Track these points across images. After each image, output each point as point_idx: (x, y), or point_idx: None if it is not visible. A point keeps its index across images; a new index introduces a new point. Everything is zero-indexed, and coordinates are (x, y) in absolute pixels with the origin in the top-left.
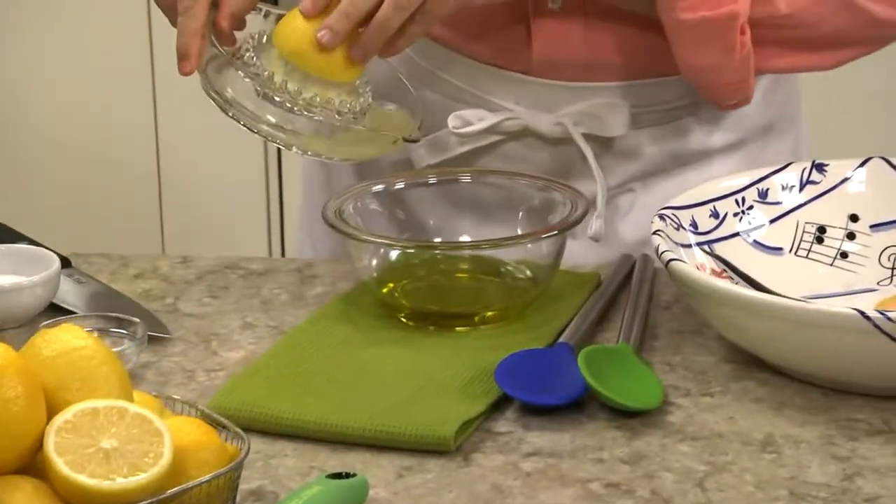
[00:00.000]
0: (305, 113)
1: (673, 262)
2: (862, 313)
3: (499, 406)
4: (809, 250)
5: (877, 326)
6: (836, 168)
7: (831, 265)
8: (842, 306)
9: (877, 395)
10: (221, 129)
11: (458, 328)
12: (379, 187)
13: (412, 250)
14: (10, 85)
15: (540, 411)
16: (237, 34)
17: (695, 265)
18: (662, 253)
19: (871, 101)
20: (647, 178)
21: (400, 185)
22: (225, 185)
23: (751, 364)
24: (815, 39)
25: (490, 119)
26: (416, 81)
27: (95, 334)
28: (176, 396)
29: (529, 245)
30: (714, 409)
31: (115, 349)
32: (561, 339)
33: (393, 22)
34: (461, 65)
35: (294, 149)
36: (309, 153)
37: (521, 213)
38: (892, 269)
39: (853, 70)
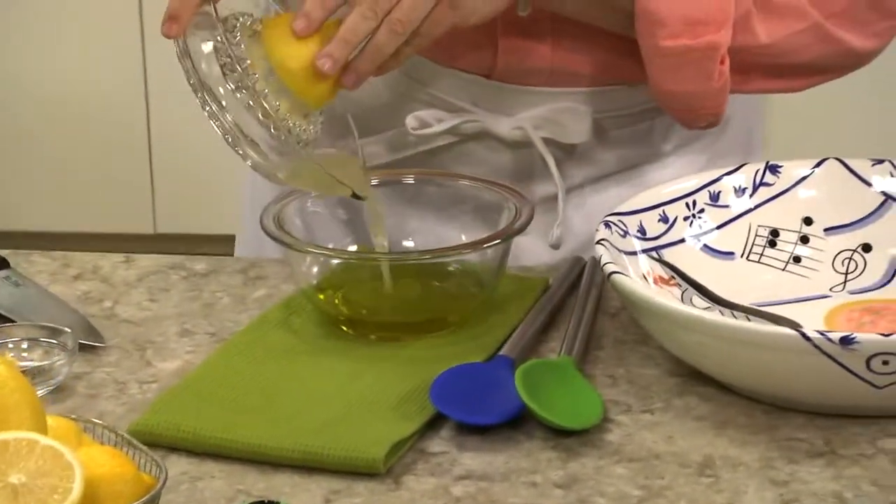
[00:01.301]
0: (272, 130)
1: (614, 276)
2: (803, 334)
3: (434, 424)
4: (762, 254)
5: (817, 347)
6: (790, 169)
7: (784, 270)
8: (782, 327)
9: (820, 412)
10: None
11: (400, 337)
12: None
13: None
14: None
15: (476, 429)
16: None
17: (640, 274)
18: (605, 265)
19: (829, 101)
20: (601, 179)
21: None
22: (217, 159)
23: (695, 378)
24: (792, 67)
25: (449, 121)
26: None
27: (25, 345)
28: (96, 420)
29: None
30: (653, 427)
31: (45, 361)
32: (503, 351)
33: (388, 48)
34: (420, 64)
35: (238, 150)
36: (249, 163)
37: (467, 215)
38: (846, 274)
39: None
